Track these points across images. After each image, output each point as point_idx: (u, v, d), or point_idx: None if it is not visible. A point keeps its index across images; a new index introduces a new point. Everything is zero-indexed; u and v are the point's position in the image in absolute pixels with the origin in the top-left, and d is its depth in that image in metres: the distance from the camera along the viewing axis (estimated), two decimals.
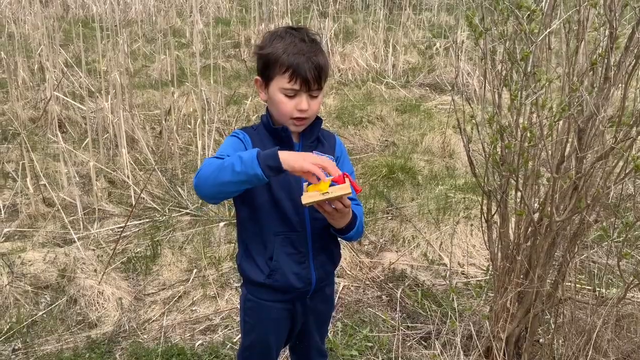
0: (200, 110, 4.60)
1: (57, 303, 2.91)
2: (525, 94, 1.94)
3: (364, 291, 3.14)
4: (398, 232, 3.67)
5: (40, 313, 2.86)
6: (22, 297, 2.95)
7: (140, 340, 2.70)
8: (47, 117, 5.18)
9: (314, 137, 1.67)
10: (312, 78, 1.53)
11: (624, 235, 1.88)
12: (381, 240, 3.63)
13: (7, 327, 2.75)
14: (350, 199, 1.57)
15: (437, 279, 3.24)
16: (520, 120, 2.02)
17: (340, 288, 3.13)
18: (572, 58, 2.00)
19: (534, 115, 2.03)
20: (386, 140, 5.54)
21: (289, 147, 1.62)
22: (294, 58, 1.52)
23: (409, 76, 7.48)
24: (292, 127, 1.61)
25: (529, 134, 1.94)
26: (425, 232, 3.60)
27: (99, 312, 2.86)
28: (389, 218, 3.90)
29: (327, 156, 1.64)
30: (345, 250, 3.38)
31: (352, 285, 3.18)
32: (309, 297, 1.75)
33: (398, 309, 2.93)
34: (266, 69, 1.57)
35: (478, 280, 3.18)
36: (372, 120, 5.82)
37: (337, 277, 3.23)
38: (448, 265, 3.32)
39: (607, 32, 1.89)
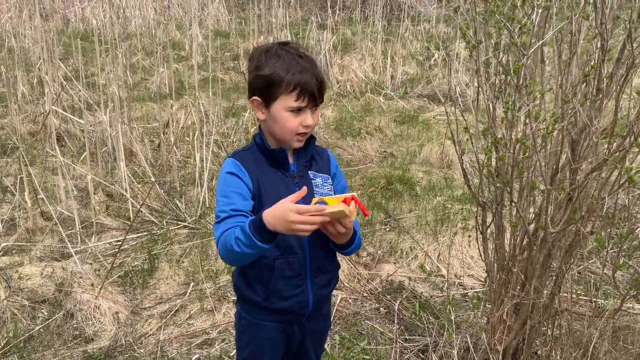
0: (199, 123, 4.62)
1: (54, 317, 2.91)
2: (518, 105, 1.94)
3: (361, 303, 3.13)
4: (396, 243, 3.66)
5: (37, 328, 2.85)
6: (19, 312, 2.95)
7: (137, 355, 2.69)
8: (46, 131, 5.19)
9: (309, 156, 1.67)
10: (318, 93, 1.55)
11: (619, 247, 1.88)
12: (379, 251, 3.63)
13: (4, 341, 2.74)
14: None
15: (435, 290, 3.23)
16: (514, 133, 2.02)
17: (338, 300, 3.12)
18: (564, 69, 2.01)
19: (528, 127, 2.04)
20: (384, 151, 5.55)
21: (285, 168, 1.62)
22: (300, 76, 1.52)
23: (407, 87, 7.50)
24: (295, 144, 1.61)
25: (522, 146, 1.94)
26: (423, 244, 3.60)
27: (95, 327, 2.86)
28: (387, 229, 3.90)
29: (322, 177, 1.66)
30: (343, 263, 3.37)
31: (350, 298, 3.17)
32: (306, 319, 1.73)
33: (396, 321, 2.92)
34: (268, 89, 1.55)
35: (476, 292, 3.17)
36: (371, 131, 5.83)
37: (335, 289, 3.21)
38: (446, 277, 3.31)
39: (599, 44, 1.90)
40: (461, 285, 3.28)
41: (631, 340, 2.19)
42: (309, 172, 1.65)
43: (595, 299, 2.56)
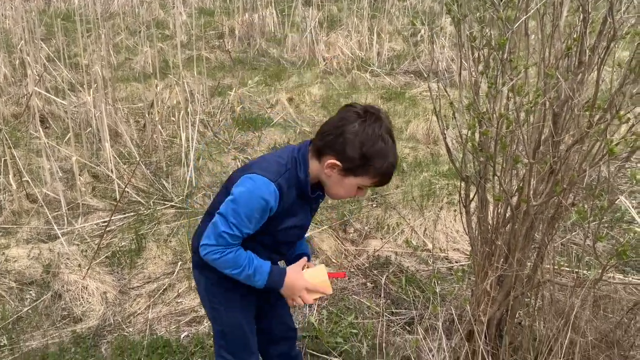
0: (184, 102, 4.59)
1: (42, 299, 2.91)
2: (502, 80, 1.95)
3: (349, 279, 3.16)
4: (383, 219, 3.69)
5: (26, 309, 2.86)
6: (7, 294, 2.95)
7: (126, 334, 2.71)
8: (29, 113, 5.13)
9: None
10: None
11: (600, 219, 1.91)
12: (366, 227, 3.65)
13: None
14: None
15: (421, 264, 3.26)
16: (497, 107, 2.03)
17: None
18: (547, 42, 2.01)
19: (511, 101, 2.05)
20: None
21: (308, 199, 1.67)
22: (390, 170, 1.56)
23: (393, 64, 7.48)
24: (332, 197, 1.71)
25: (506, 121, 1.95)
26: (409, 219, 3.63)
27: (83, 307, 2.87)
28: (374, 206, 3.93)
29: (321, 197, 1.76)
30: (331, 239, 3.40)
31: None
32: None
33: (382, 296, 2.96)
34: (359, 167, 1.54)
35: (461, 265, 3.21)
36: None
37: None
38: (431, 251, 3.35)
39: (581, 17, 1.91)
40: (447, 259, 3.32)
41: (611, 309, 2.24)
42: (318, 194, 1.73)
43: (577, 270, 2.60)
